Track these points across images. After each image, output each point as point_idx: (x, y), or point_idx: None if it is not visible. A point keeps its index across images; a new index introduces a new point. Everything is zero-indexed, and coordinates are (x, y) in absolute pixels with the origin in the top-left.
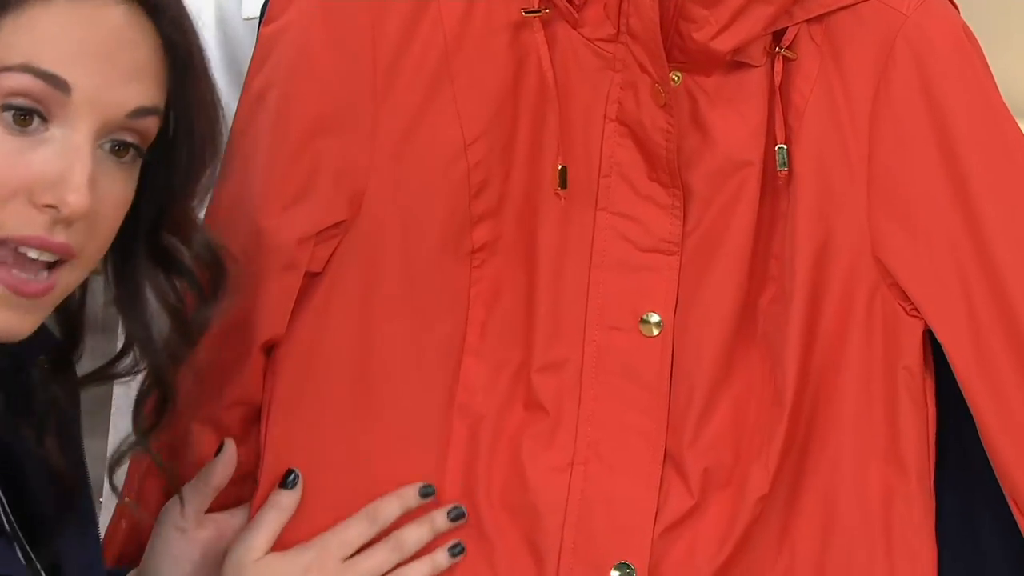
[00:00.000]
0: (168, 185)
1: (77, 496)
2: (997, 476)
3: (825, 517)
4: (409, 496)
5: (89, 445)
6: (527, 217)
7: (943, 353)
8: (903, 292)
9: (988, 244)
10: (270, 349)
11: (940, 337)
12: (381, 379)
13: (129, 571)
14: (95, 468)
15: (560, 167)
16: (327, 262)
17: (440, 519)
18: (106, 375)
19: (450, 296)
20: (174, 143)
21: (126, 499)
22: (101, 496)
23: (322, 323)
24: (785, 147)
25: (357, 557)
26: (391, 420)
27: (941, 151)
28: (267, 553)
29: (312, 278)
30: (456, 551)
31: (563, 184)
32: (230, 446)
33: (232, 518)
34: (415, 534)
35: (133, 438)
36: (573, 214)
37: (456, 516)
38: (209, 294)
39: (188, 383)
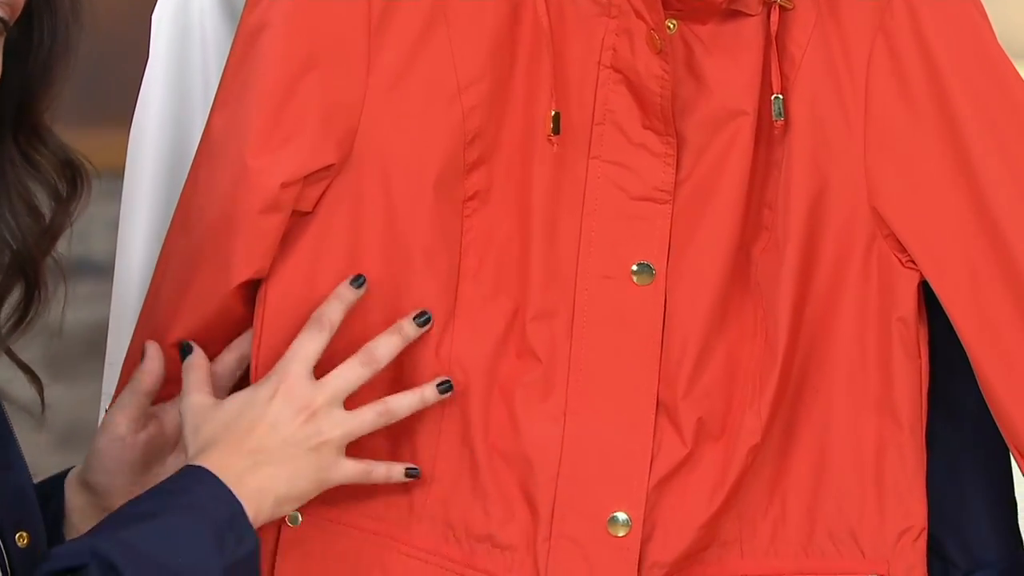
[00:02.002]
0: (26, 76)
1: None
2: (998, 425)
3: (817, 466)
4: (344, 291)
5: (88, 391)
6: (520, 164)
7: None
8: (899, 243)
9: (986, 194)
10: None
11: (937, 288)
12: (373, 325)
13: (69, 470)
14: (91, 411)
15: (553, 113)
16: (318, 202)
17: (430, 391)
18: None
19: (442, 244)
20: (34, 25)
21: None
22: None
23: (312, 264)
24: (781, 97)
25: (327, 375)
26: (384, 368)
27: (938, 101)
28: (211, 396)
29: (303, 217)
30: (444, 388)
31: (556, 130)
32: (151, 348)
33: (173, 408)
34: (387, 345)
35: None
36: (566, 162)
37: (445, 389)
38: (67, 195)
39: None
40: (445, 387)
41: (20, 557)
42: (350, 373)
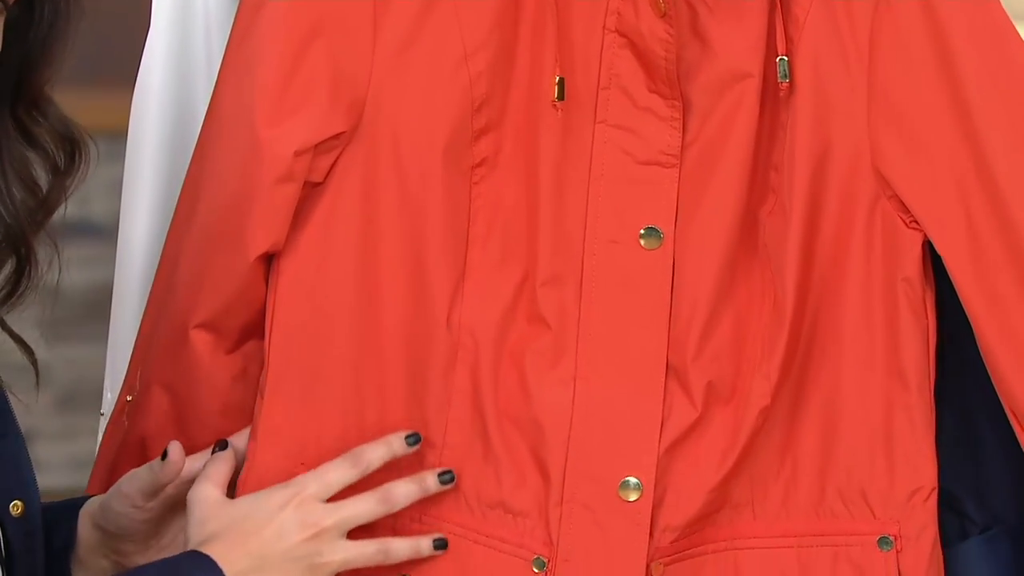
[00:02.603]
0: (26, 52)
1: None
2: (995, 386)
3: (826, 428)
4: (395, 443)
5: (88, 352)
6: (527, 131)
7: (943, 265)
8: (902, 204)
9: (987, 156)
10: (270, 260)
11: (939, 248)
12: (384, 292)
13: (86, 499)
14: (91, 372)
15: (557, 78)
16: (329, 172)
17: (431, 480)
18: None
19: (451, 211)
20: (35, 3)
21: (128, 397)
22: (102, 408)
23: (324, 235)
24: (786, 59)
25: (341, 501)
26: (395, 333)
27: (941, 62)
28: (224, 492)
29: (314, 188)
30: (439, 544)
31: (560, 96)
32: (175, 449)
33: (194, 462)
34: (405, 490)
35: None
36: (572, 127)
37: (447, 480)
38: (64, 169)
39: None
40: (440, 543)
41: (14, 526)
42: (364, 507)
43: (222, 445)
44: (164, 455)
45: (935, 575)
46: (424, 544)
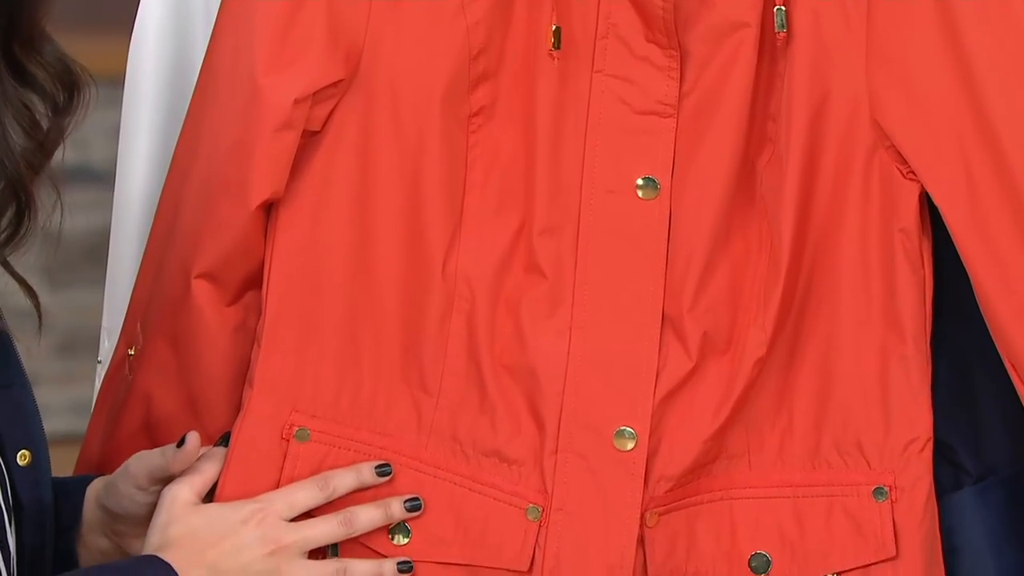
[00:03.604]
0: None
1: None
2: (993, 337)
3: (822, 379)
4: (364, 471)
5: (87, 297)
6: (524, 80)
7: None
8: (900, 155)
9: (986, 106)
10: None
11: (936, 199)
12: (381, 241)
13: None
14: (90, 318)
15: (554, 27)
16: (327, 121)
17: (396, 506)
18: None
19: (448, 160)
20: None
21: (130, 351)
22: (99, 356)
23: (322, 184)
24: (784, 8)
25: (303, 521)
26: (391, 281)
27: (940, 12)
28: (200, 499)
29: (312, 137)
30: (404, 568)
31: (557, 45)
32: (192, 439)
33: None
34: (368, 515)
35: None
36: (570, 76)
37: (412, 507)
38: (64, 106)
39: (187, 238)
40: (405, 567)
41: (22, 476)
42: (325, 529)
43: (224, 440)
44: (181, 442)
45: (929, 525)
46: (387, 567)
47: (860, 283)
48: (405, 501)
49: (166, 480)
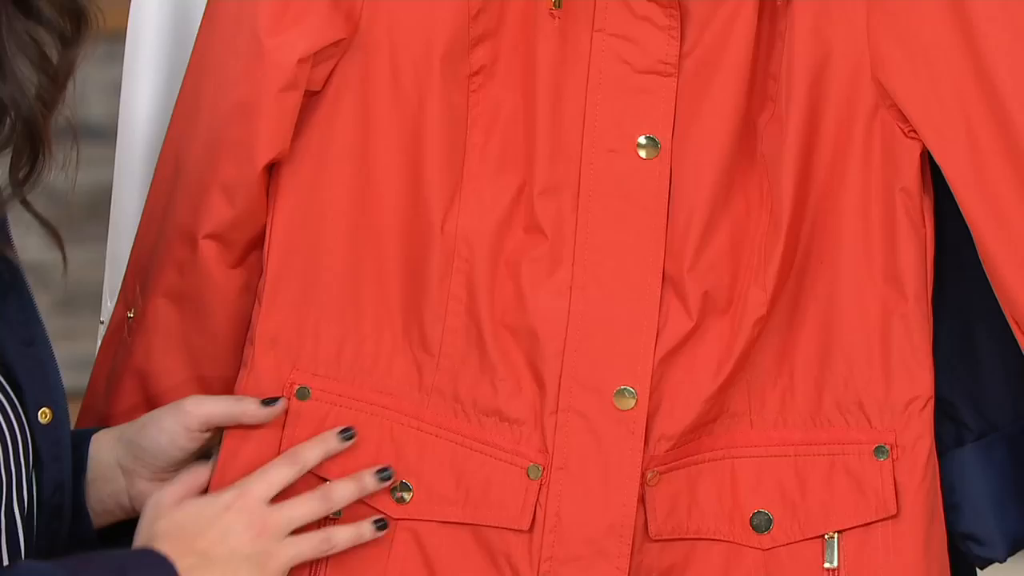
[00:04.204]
0: None
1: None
2: (996, 293)
3: (823, 337)
4: (330, 439)
5: (88, 254)
6: (524, 39)
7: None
8: (902, 113)
9: (987, 63)
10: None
11: (938, 158)
12: (382, 200)
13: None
14: (91, 274)
15: None
16: (327, 81)
17: (369, 479)
18: None
19: (448, 120)
20: None
21: (129, 313)
22: (102, 316)
23: (322, 143)
24: None
25: (283, 502)
26: (391, 241)
27: None
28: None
29: (312, 97)
30: (381, 526)
31: (558, 4)
32: (283, 403)
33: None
34: (345, 489)
35: (11, 190)
36: (570, 35)
37: (385, 477)
38: (72, 38)
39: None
40: (381, 524)
41: (43, 433)
42: (306, 508)
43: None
44: (270, 401)
45: (930, 484)
46: (365, 528)
47: (861, 242)
48: (377, 472)
49: (216, 432)
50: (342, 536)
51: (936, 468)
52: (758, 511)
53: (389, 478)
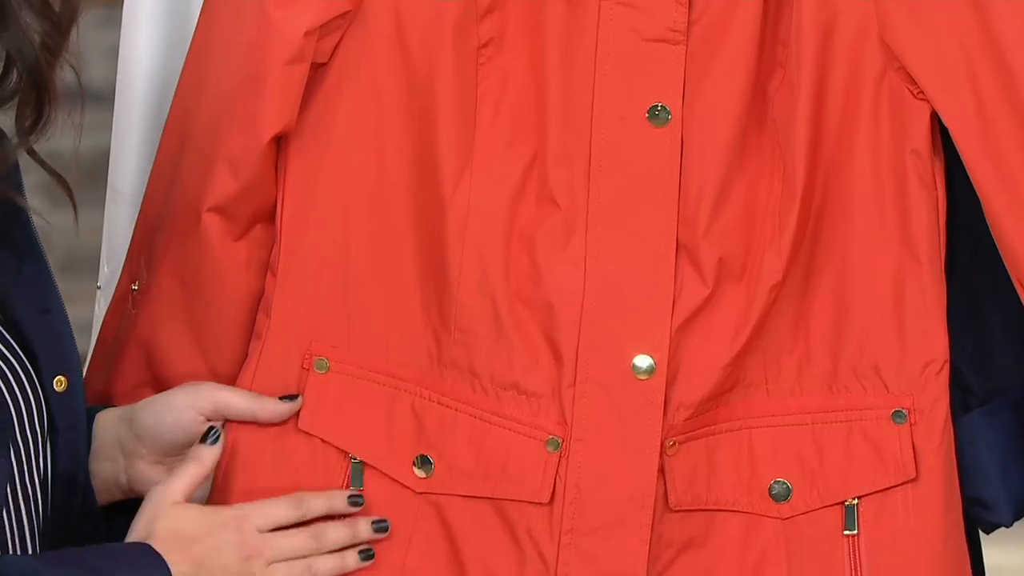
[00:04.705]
0: None
1: (12, 226)
2: (1003, 256)
3: (838, 302)
4: (336, 499)
5: (86, 218)
6: (532, 10)
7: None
8: (910, 76)
9: (993, 25)
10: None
11: (946, 119)
12: (393, 174)
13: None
14: (90, 239)
15: None
16: (333, 53)
17: (364, 527)
18: None
19: (458, 92)
20: None
21: (133, 286)
22: (99, 282)
23: (331, 116)
24: None
25: (275, 533)
26: (404, 214)
27: None
28: (185, 500)
29: (319, 69)
30: (367, 556)
31: None
32: (299, 401)
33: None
34: (337, 533)
35: (18, 140)
36: (577, 5)
37: (379, 529)
38: None
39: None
40: (366, 554)
41: (59, 401)
42: (296, 542)
43: (213, 438)
44: (288, 398)
45: (948, 447)
46: (350, 558)
47: (874, 206)
48: (373, 523)
49: (223, 422)
50: (324, 566)
51: (952, 432)
52: (777, 480)
53: (384, 530)
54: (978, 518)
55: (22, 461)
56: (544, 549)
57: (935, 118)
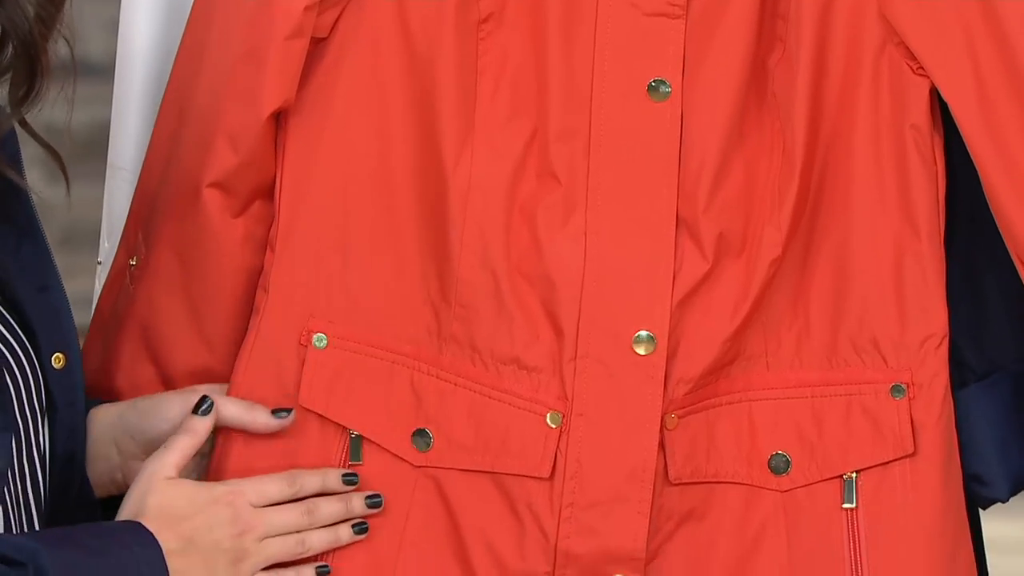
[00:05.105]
0: None
1: (12, 203)
2: (1001, 231)
3: (838, 277)
4: (331, 477)
5: (86, 191)
6: None
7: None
8: (909, 50)
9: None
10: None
11: (944, 93)
12: (393, 149)
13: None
14: (89, 212)
15: None
16: (333, 28)
17: (357, 502)
18: None
19: (458, 67)
20: None
21: (132, 260)
22: (99, 257)
23: (331, 91)
24: None
25: (268, 508)
26: (405, 191)
27: None
28: (179, 474)
29: (318, 44)
30: (361, 529)
31: None
32: (292, 416)
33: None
34: (330, 508)
35: (10, 111)
36: None
37: (372, 504)
38: None
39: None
40: (360, 528)
41: (57, 379)
42: (288, 518)
43: (205, 409)
44: (281, 412)
45: (947, 422)
46: (343, 532)
47: (873, 180)
48: (366, 497)
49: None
50: (318, 540)
51: (951, 406)
52: (776, 453)
53: (378, 505)
54: (975, 493)
55: (21, 440)
56: (544, 523)
57: (934, 93)
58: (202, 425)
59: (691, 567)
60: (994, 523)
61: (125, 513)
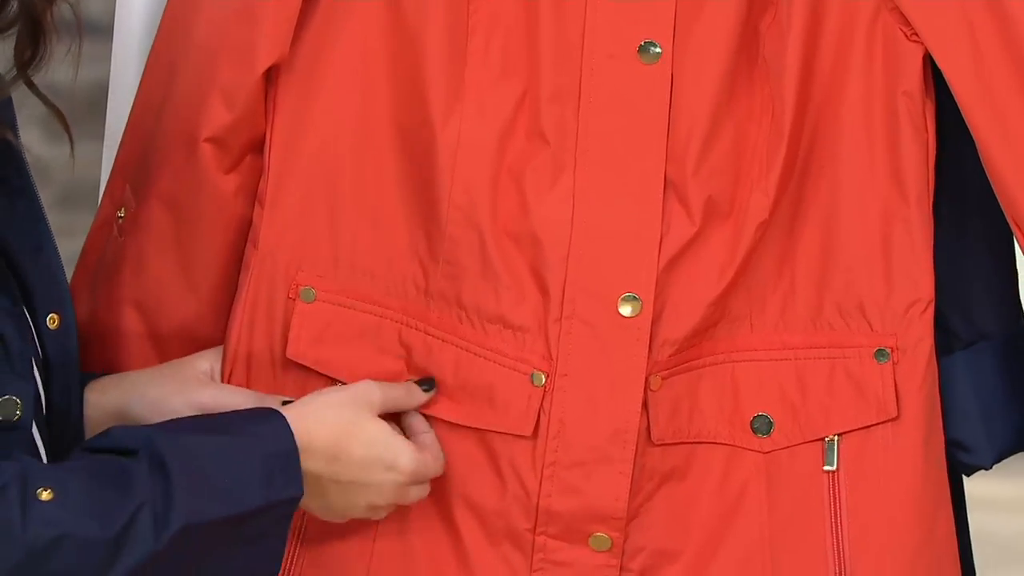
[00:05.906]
0: None
1: (6, 163)
2: (997, 197)
3: (825, 241)
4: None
5: (85, 150)
6: None
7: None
8: (903, 16)
9: None
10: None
11: (939, 60)
12: (382, 107)
13: (99, 376)
14: (89, 171)
15: None
16: None
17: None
18: None
19: (449, 26)
20: None
21: (120, 213)
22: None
23: (323, 48)
24: None
25: (410, 488)
26: (393, 148)
27: None
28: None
29: (310, 2)
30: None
31: None
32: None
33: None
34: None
35: (15, 72)
36: None
37: (428, 388)
38: None
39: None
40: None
41: (52, 339)
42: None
43: (427, 385)
44: (427, 386)
45: (930, 387)
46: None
47: (863, 146)
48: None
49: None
50: (414, 494)
51: (935, 372)
52: (759, 414)
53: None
54: (958, 460)
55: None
56: (526, 480)
57: (928, 60)
58: (418, 400)
59: (671, 526)
60: (978, 481)
61: (315, 402)
